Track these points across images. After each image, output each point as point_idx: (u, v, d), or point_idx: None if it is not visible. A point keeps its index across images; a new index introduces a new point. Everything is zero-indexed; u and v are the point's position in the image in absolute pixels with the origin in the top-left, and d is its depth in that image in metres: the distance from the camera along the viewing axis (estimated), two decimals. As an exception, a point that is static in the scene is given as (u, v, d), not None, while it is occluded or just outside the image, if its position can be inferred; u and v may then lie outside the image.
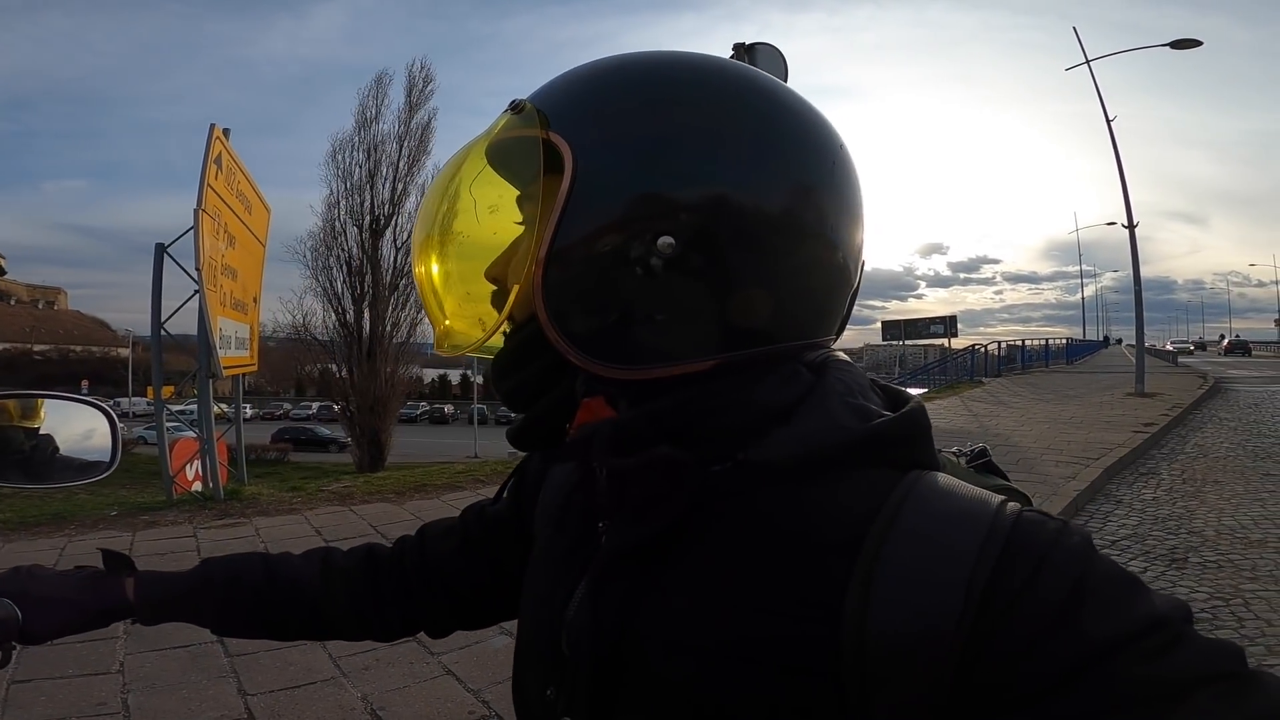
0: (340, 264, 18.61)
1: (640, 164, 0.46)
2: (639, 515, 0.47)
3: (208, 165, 6.88)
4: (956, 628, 0.38)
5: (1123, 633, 0.37)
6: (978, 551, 0.39)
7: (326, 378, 20.31)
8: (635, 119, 0.47)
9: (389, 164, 19.01)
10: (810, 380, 0.49)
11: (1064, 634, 0.37)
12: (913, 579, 0.40)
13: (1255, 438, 9.00)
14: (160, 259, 6.98)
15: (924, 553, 0.40)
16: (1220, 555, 4.61)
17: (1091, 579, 0.39)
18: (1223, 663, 0.37)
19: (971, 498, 0.43)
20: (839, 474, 0.45)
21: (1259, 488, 6.38)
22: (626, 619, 0.47)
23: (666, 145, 0.46)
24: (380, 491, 6.73)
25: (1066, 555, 0.39)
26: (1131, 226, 15.05)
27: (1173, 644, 0.37)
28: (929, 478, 0.45)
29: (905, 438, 0.47)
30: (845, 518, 0.43)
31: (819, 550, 0.43)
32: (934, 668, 0.38)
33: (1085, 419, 10.38)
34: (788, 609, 0.42)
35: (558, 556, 0.56)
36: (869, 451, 0.46)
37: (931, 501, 0.43)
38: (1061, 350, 27.91)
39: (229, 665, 2.94)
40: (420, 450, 24.50)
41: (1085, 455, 7.45)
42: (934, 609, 0.38)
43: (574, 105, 0.50)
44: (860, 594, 0.40)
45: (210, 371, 6.91)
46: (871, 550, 0.41)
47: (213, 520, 5.61)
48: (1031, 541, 0.40)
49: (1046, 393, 14.65)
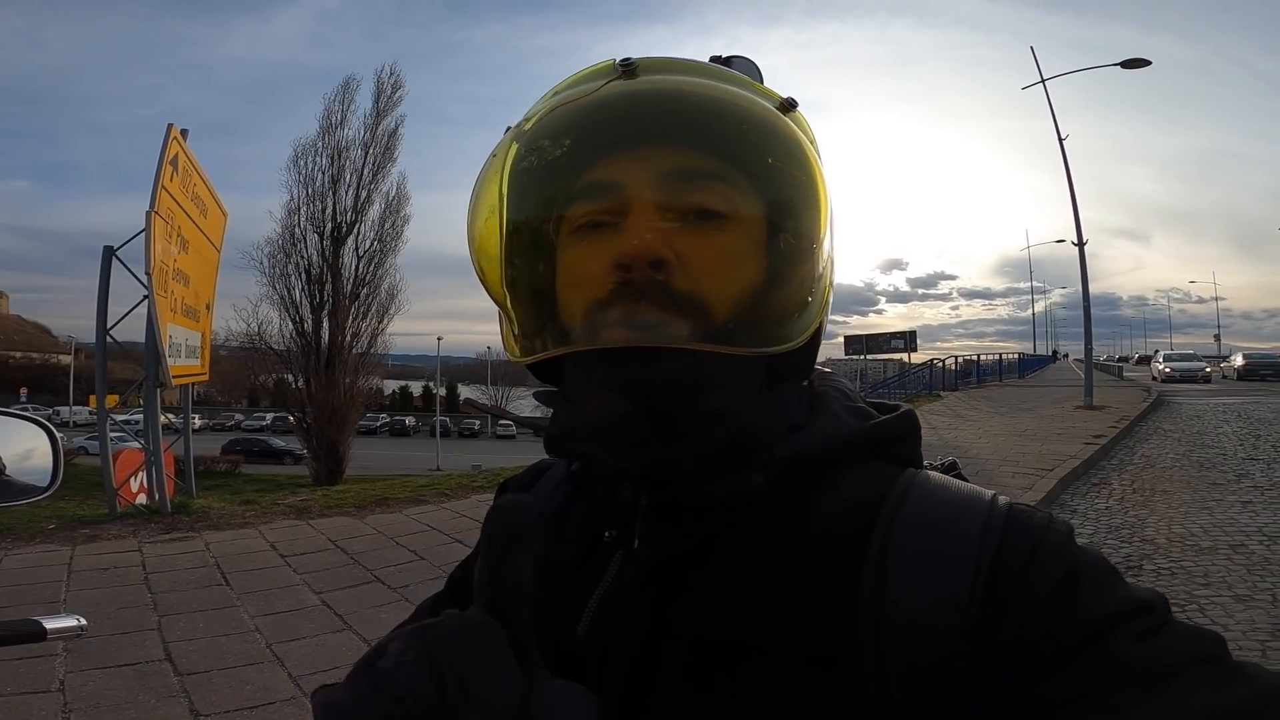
0: (299, 272, 18.16)
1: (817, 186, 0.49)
2: (677, 525, 0.47)
3: (163, 166, 6.67)
4: (968, 604, 0.40)
5: (1116, 612, 0.39)
6: (980, 534, 0.42)
7: (282, 388, 19.84)
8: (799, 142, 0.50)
9: (353, 170, 18.68)
10: (810, 391, 0.53)
11: (1065, 611, 0.39)
12: (924, 560, 0.42)
13: (1198, 449, 9.37)
14: (108, 262, 6.72)
15: (932, 535, 0.43)
16: (1173, 562, 4.78)
17: (1082, 563, 0.41)
18: (1209, 646, 0.39)
19: (967, 490, 0.46)
20: (846, 467, 0.48)
21: (1205, 496, 6.64)
22: (660, 621, 0.47)
23: (814, 170, 0.50)
24: (340, 505, 6.54)
25: (1058, 539, 0.42)
26: (1081, 244, 15.64)
27: (1161, 627, 0.39)
28: (925, 472, 0.48)
29: (903, 435, 0.51)
30: (855, 507, 0.46)
31: (833, 538, 0.45)
32: (948, 644, 0.39)
33: (1039, 431, 10.70)
34: (809, 595, 0.44)
35: (559, 569, 0.53)
36: (873, 446, 0.50)
37: (934, 491, 0.46)
38: (1014, 365, 28.79)
39: (179, 684, 2.80)
40: (380, 463, 23.99)
41: (1040, 467, 7.67)
42: (946, 587, 0.40)
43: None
44: (876, 576, 0.42)
45: (158, 380, 6.65)
46: (882, 535, 0.43)
47: (159, 534, 5.38)
48: (1027, 527, 0.43)
49: (1001, 406, 15.08)
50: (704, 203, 0.46)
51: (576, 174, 0.47)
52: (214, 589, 4.25)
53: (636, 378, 0.45)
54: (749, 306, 0.46)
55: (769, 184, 0.48)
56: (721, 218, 0.46)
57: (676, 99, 0.48)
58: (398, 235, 18.96)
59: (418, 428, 53.17)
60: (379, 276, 18.76)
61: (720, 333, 0.45)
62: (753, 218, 0.47)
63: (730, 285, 0.45)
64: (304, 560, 4.86)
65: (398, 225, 18.95)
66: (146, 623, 3.64)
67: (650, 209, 0.45)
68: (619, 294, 0.45)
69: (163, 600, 3.99)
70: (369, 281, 18.64)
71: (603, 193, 0.46)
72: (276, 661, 3.13)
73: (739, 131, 0.48)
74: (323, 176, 18.38)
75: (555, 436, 0.50)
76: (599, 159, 0.47)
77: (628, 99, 0.48)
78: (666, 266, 0.44)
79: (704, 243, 0.45)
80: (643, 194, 0.46)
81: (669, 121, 0.48)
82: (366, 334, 18.67)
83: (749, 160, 0.47)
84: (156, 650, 3.23)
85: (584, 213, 0.47)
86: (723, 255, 0.46)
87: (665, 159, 0.46)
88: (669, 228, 0.45)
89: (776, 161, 0.48)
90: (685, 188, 0.46)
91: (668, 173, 0.46)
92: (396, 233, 18.94)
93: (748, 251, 0.46)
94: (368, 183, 18.68)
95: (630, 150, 0.47)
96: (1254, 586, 4.33)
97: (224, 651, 3.25)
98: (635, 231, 0.45)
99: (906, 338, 24.89)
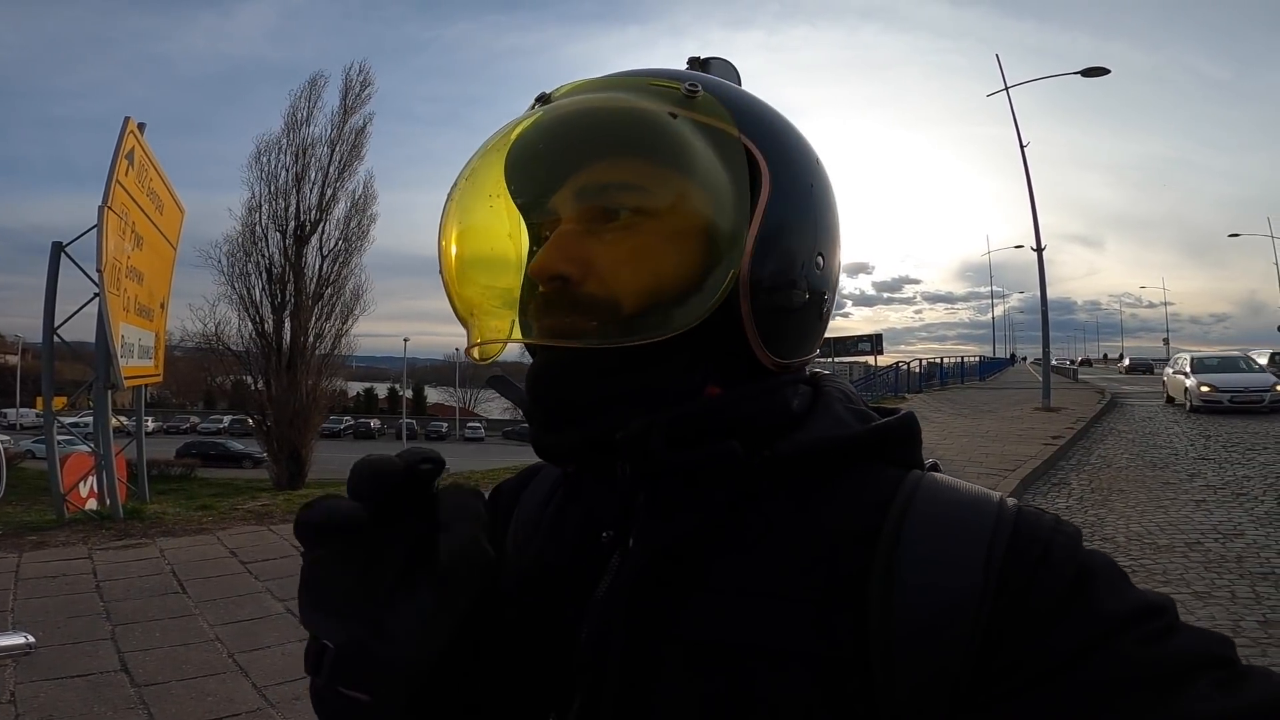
0: (260, 271, 17.61)
1: (810, 181, 0.52)
2: (671, 516, 0.47)
3: (118, 160, 6.45)
4: (979, 604, 0.39)
5: (1126, 614, 0.39)
6: (991, 535, 0.42)
7: (240, 390, 19.22)
8: (796, 138, 0.54)
9: (319, 168, 18.18)
10: (811, 392, 0.53)
11: (1076, 610, 0.39)
12: (934, 561, 0.41)
13: (1151, 449, 9.71)
14: (56, 259, 6.48)
15: (942, 536, 0.42)
16: (1133, 561, 4.95)
17: (1091, 564, 0.42)
18: (1218, 649, 0.39)
19: (975, 491, 0.46)
20: (850, 468, 0.48)
21: (1160, 495, 6.88)
22: (659, 622, 0.46)
23: (816, 170, 0.54)
24: (302, 509, 6.37)
25: (1067, 541, 0.42)
26: (1040, 250, 16.11)
27: (1170, 629, 0.39)
28: (932, 474, 0.48)
29: (905, 438, 0.51)
30: (862, 508, 0.45)
31: (837, 540, 0.45)
32: (958, 645, 0.39)
33: (1000, 433, 10.98)
34: (813, 598, 0.43)
35: (555, 571, 0.52)
36: (877, 448, 0.49)
37: (941, 492, 0.45)
38: (975, 367, 29.50)
39: (137, 696, 2.69)
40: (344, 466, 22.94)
41: (1002, 468, 7.86)
42: (957, 587, 0.40)
43: (751, 113, 0.52)
44: (884, 577, 0.42)
45: (109, 381, 6.41)
46: (890, 536, 0.43)
47: (111, 541, 5.19)
48: (1036, 528, 0.43)
49: (964, 408, 15.43)
50: (607, 205, 0.48)
51: (520, 201, 0.53)
52: (170, 597, 4.10)
53: (544, 366, 0.50)
54: (640, 296, 0.47)
55: (659, 181, 0.49)
56: (619, 219, 0.48)
57: (563, 121, 0.52)
58: (364, 234, 18.56)
59: (383, 430, 52.27)
60: (344, 276, 18.35)
61: (614, 328, 0.47)
62: (644, 212, 0.48)
63: (630, 283, 0.47)
64: (266, 567, 4.72)
65: (364, 225, 18.56)
66: (99, 632, 3.50)
67: (553, 226, 0.49)
68: (530, 300, 0.51)
69: (116, 609, 3.83)
70: (333, 281, 18.22)
71: (529, 217, 0.52)
72: (239, 671, 3.02)
73: (616, 134, 0.50)
74: (286, 174, 17.88)
75: (532, 441, 0.52)
76: (519, 189, 0.52)
77: (530, 131, 0.52)
78: (568, 278, 0.47)
79: (602, 245, 0.48)
80: (545, 215, 0.50)
81: (559, 144, 0.51)
82: (330, 335, 18.23)
83: (633, 159, 0.49)
84: (111, 661, 3.10)
85: (529, 232, 0.52)
86: (618, 252, 0.48)
87: (567, 178, 0.50)
88: (572, 239, 0.48)
89: (654, 156, 0.49)
90: (583, 199, 0.49)
91: (567, 189, 0.49)
92: (363, 232, 18.54)
93: (638, 244, 0.48)
94: (334, 181, 18.22)
95: (538, 176, 0.51)
96: (1212, 584, 4.49)
97: (183, 662, 3.12)
98: (538, 255, 0.49)
99: (873, 340, 25.34)
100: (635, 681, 0.45)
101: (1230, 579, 4.55)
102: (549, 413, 0.50)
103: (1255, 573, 4.62)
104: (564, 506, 0.56)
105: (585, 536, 0.51)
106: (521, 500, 0.61)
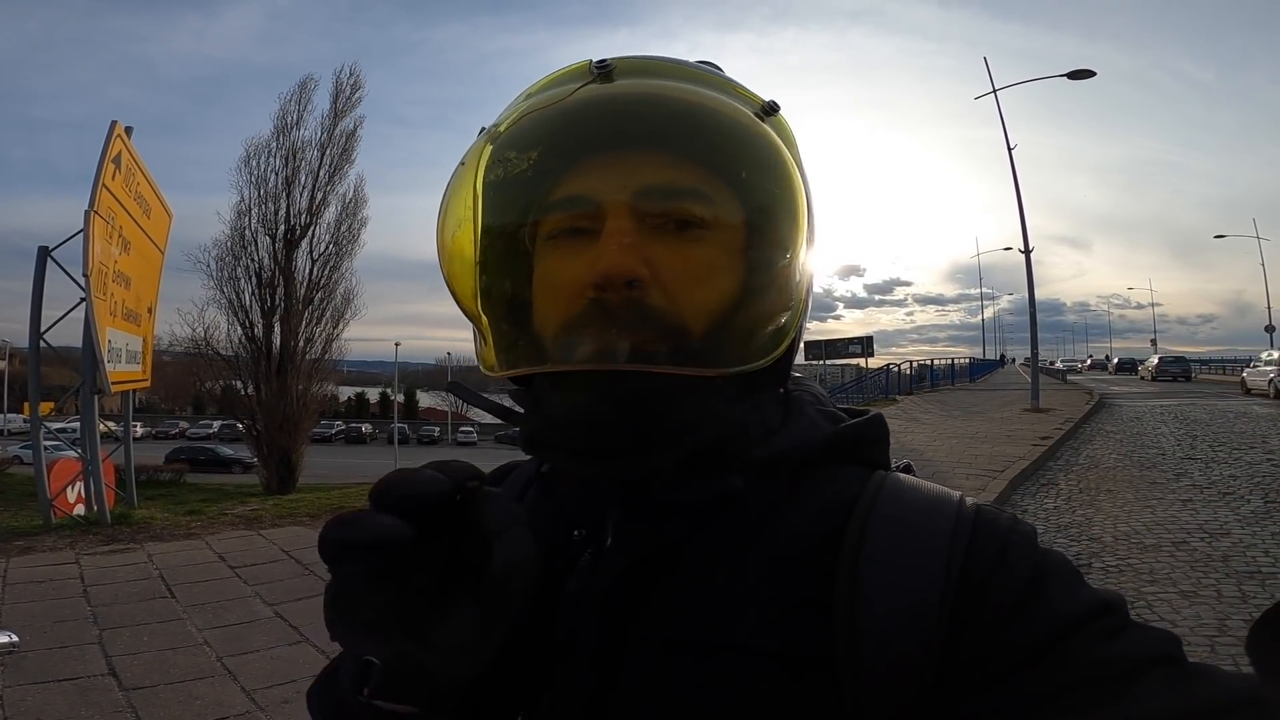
0: (249, 275, 17.43)
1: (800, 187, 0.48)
2: (652, 522, 0.47)
3: (104, 164, 6.40)
4: (940, 604, 0.40)
5: (1081, 612, 0.40)
6: (951, 534, 0.43)
7: (230, 395, 18.99)
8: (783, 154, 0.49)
9: (309, 172, 18.01)
10: (783, 396, 0.53)
11: (1032, 611, 0.40)
12: (896, 561, 0.42)
13: (1139, 449, 9.78)
14: (43, 263, 6.43)
15: (903, 536, 0.43)
16: (1120, 560, 4.95)
17: (1047, 563, 0.42)
18: (1168, 647, 0.39)
19: (936, 491, 0.47)
20: (819, 470, 0.49)
21: (1147, 495, 6.92)
22: (631, 622, 0.46)
23: (797, 182, 0.49)
24: (293, 514, 6.34)
25: (1024, 540, 0.43)
26: (1027, 251, 16.21)
27: (1123, 628, 0.40)
28: (895, 475, 0.49)
29: (873, 439, 0.52)
30: (828, 509, 0.46)
31: (806, 540, 0.45)
32: (921, 643, 0.40)
33: (989, 434, 11.03)
34: (783, 598, 0.44)
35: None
36: (845, 449, 0.50)
37: (903, 493, 0.46)
38: (965, 369, 29.65)
39: (125, 700, 2.67)
40: (335, 471, 23.31)
41: (991, 469, 7.89)
42: (919, 587, 0.41)
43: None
44: (849, 578, 0.42)
45: (96, 386, 6.35)
46: (855, 536, 0.44)
47: (98, 546, 5.14)
48: (994, 528, 0.44)
49: (954, 409, 15.50)
50: (680, 215, 0.45)
51: (550, 183, 0.46)
52: (158, 601, 4.06)
53: (607, 393, 0.44)
54: (724, 323, 0.45)
55: (746, 196, 0.47)
56: (698, 230, 0.45)
57: (652, 104, 0.47)
58: (354, 238, 18.40)
59: (374, 435, 51.94)
60: (334, 280, 18.20)
61: (694, 352, 0.44)
62: (730, 231, 0.46)
63: (705, 301, 0.45)
64: (255, 571, 4.69)
65: (354, 228, 18.40)
66: (86, 636, 3.47)
67: (624, 221, 0.44)
68: (593, 312, 0.44)
69: (103, 614, 3.80)
70: (323, 285, 18.08)
71: (577, 203, 0.45)
72: (228, 675, 2.99)
73: (716, 140, 0.46)
74: (276, 177, 17.70)
75: (530, 439, 0.50)
76: (572, 168, 0.46)
77: (602, 104, 0.47)
78: (641, 284, 0.43)
79: (679, 256, 0.44)
80: (617, 205, 0.44)
81: (643, 129, 0.46)
82: (321, 339, 18.08)
83: (726, 170, 0.46)
84: (99, 664, 3.08)
85: (558, 223, 0.46)
86: (698, 270, 0.45)
87: (640, 168, 0.45)
88: (643, 241, 0.44)
89: (753, 172, 0.47)
90: (661, 199, 0.45)
91: (643, 182, 0.45)
92: (353, 236, 18.38)
93: (723, 265, 0.46)
94: (324, 184, 18.05)
95: (604, 158, 0.46)
96: (1198, 583, 4.50)
97: (171, 666, 3.10)
98: (609, 248, 0.43)
99: (864, 343, 25.39)
100: (607, 679, 0.45)
101: (1216, 578, 4.57)
102: (613, 437, 0.45)
103: (1241, 571, 4.65)
104: (537, 504, 0.55)
105: (556, 534, 0.51)
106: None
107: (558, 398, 0.47)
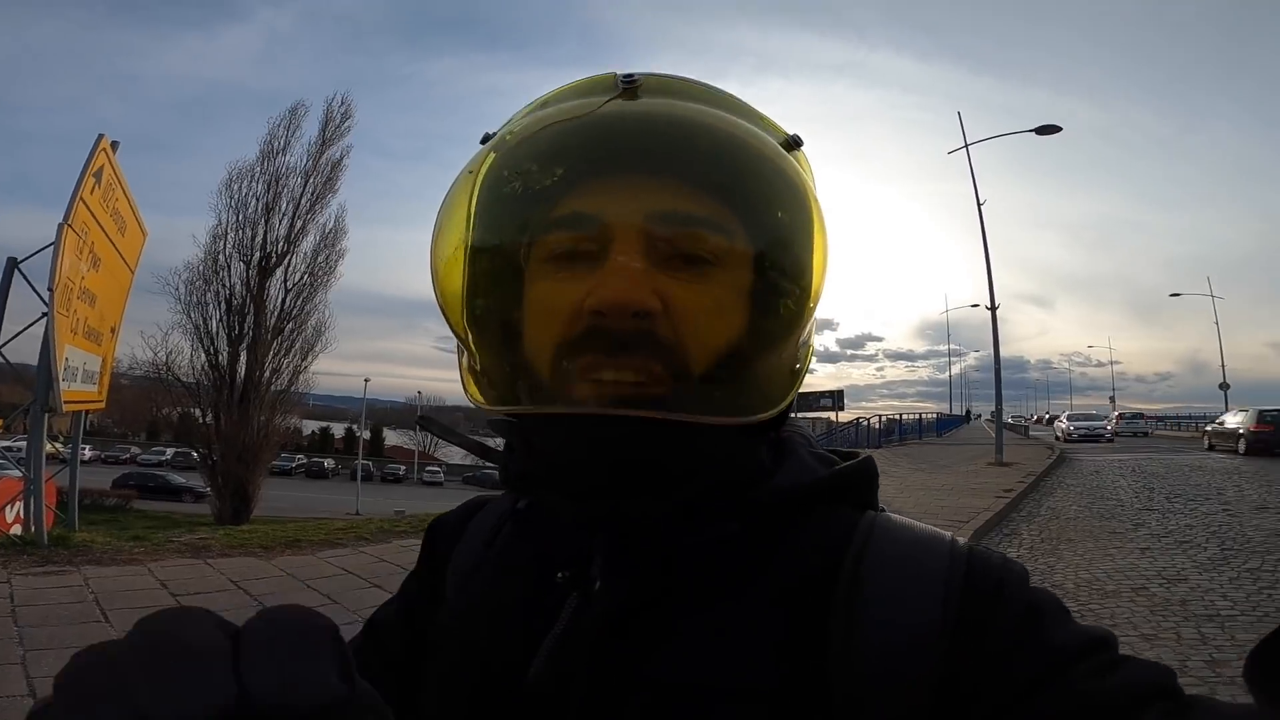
0: (219, 301, 17.13)
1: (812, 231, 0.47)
2: (642, 564, 0.46)
3: (84, 178, 6.34)
4: (939, 635, 0.40)
5: (1076, 646, 0.40)
6: (946, 573, 0.42)
7: (187, 422, 18.47)
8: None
9: (290, 199, 17.87)
10: (775, 438, 0.52)
11: (1028, 647, 0.40)
12: (892, 599, 0.42)
13: (1098, 501, 9.94)
14: (9, 275, 6.26)
15: (900, 574, 0.43)
16: (1081, 606, 5.01)
17: (1039, 600, 0.43)
18: (1165, 679, 0.39)
19: (928, 531, 0.46)
20: (812, 512, 0.48)
21: (1107, 544, 7.02)
22: (623, 663, 0.44)
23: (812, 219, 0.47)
24: (244, 545, 6.11)
25: (1017, 579, 0.43)
26: (994, 308, 16.66)
27: (1117, 662, 0.39)
28: (886, 515, 0.48)
29: (864, 482, 0.51)
30: (821, 549, 0.45)
31: (800, 581, 0.45)
32: (920, 679, 0.39)
33: (955, 486, 11.15)
34: (777, 638, 0.43)
35: (504, 609, 0.49)
36: (837, 491, 0.49)
37: (896, 532, 0.46)
38: (932, 424, 30.12)
39: None
40: (293, 505, 22.58)
41: (957, 519, 7.95)
42: (917, 624, 0.41)
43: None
44: (845, 615, 0.42)
45: (48, 405, 6.13)
46: (850, 575, 0.43)
47: (31, 566, 4.88)
48: (987, 566, 0.44)
49: (921, 463, 15.66)
50: (696, 246, 0.42)
51: (557, 199, 0.44)
52: (91, 625, 3.85)
53: (609, 434, 0.42)
54: (739, 366, 0.44)
55: (769, 231, 0.45)
56: (713, 265, 0.43)
57: (675, 126, 0.45)
58: (331, 270, 18.27)
59: (337, 470, 50.51)
60: (306, 311, 17.96)
61: (704, 398, 0.42)
62: (747, 267, 0.44)
63: (718, 340, 0.43)
64: (199, 600, 4.48)
65: (332, 259, 18.26)
66: (9, 656, 3.29)
67: (635, 246, 0.41)
68: (594, 342, 0.41)
69: (30, 635, 3.60)
70: (295, 316, 17.82)
71: (584, 223, 0.43)
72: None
73: (740, 170, 0.45)
74: (257, 202, 17.52)
75: (515, 478, 0.49)
76: (583, 185, 0.43)
77: (623, 122, 0.45)
78: (651, 315, 0.41)
79: (692, 290, 0.42)
80: (628, 229, 0.42)
81: (664, 152, 0.44)
82: (288, 371, 17.74)
83: (750, 203, 0.44)
84: (19, 685, 2.92)
85: (560, 242, 0.43)
86: (712, 305, 0.42)
87: (657, 192, 0.43)
88: (654, 270, 0.41)
89: (778, 207, 0.45)
90: (677, 226, 0.42)
91: (658, 207, 0.42)
92: (330, 267, 18.24)
93: (739, 305, 0.44)
94: (304, 212, 17.91)
95: (619, 179, 0.43)
96: (1158, 626, 4.57)
97: (99, 691, 2.90)
98: (616, 274, 0.41)
99: (835, 396, 25.68)
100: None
101: (1175, 621, 4.64)
102: (610, 480, 0.43)
103: (1200, 615, 4.72)
104: (512, 544, 0.53)
105: (538, 575, 0.49)
106: (465, 536, 0.57)
107: (553, 434, 0.45)
